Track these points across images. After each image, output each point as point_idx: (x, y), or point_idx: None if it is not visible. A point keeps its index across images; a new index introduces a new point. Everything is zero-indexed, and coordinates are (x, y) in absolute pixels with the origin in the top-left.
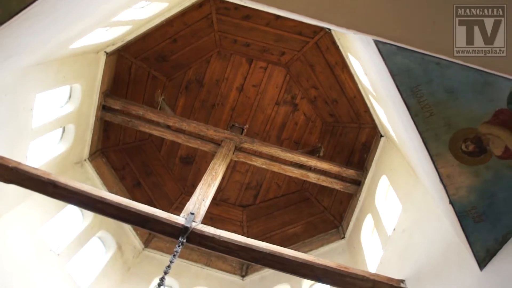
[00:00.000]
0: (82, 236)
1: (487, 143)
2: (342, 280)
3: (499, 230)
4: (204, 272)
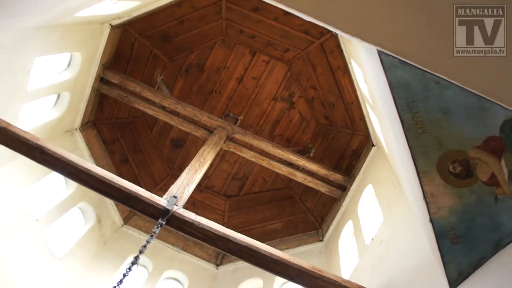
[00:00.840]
0: (63, 204)
1: (475, 167)
2: (314, 283)
3: (474, 254)
4: (180, 256)
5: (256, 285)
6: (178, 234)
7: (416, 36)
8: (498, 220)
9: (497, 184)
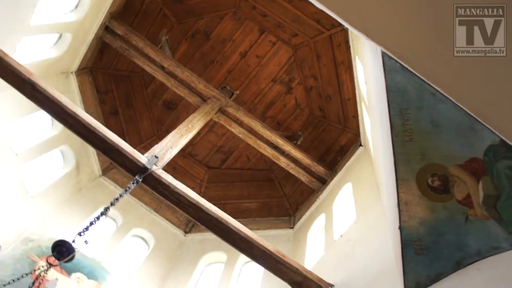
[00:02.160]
0: (45, 144)
1: (453, 184)
2: (276, 266)
3: (434, 268)
4: (151, 217)
5: (220, 259)
6: (153, 195)
7: (419, 39)
8: (464, 240)
9: (471, 205)
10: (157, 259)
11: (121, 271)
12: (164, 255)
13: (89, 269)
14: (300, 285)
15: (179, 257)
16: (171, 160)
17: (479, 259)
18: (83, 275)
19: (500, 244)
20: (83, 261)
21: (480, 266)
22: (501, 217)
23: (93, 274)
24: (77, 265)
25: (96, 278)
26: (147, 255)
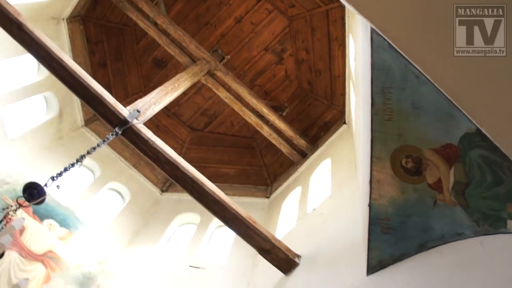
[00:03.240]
0: (29, 88)
1: (425, 168)
2: (246, 232)
3: (398, 248)
4: (129, 172)
5: (193, 220)
6: (133, 151)
7: (408, 19)
8: (430, 224)
9: (440, 190)
10: (131, 214)
11: (93, 222)
12: (139, 211)
13: (62, 217)
14: (268, 252)
15: (153, 215)
16: (155, 118)
17: (442, 244)
18: (55, 222)
19: (464, 231)
20: (56, 209)
21: (442, 250)
22: (468, 204)
23: (65, 222)
24: (50, 212)
25: (68, 227)
26: (121, 209)
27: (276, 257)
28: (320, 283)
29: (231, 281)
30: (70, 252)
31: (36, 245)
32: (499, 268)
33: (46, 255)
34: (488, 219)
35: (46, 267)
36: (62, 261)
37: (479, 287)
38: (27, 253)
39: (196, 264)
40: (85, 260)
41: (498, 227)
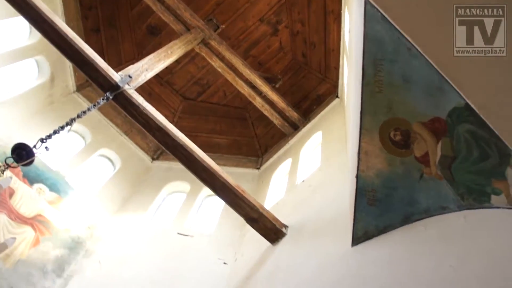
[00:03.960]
0: (20, 52)
1: (413, 141)
2: (234, 201)
3: (383, 220)
4: (120, 139)
5: (183, 189)
6: (125, 118)
7: None
8: (415, 197)
9: (427, 163)
10: (121, 181)
11: (83, 188)
12: (129, 178)
13: (52, 181)
14: (255, 221)
15: (143, 182)
16: (148, 85)
17: (426, 217)
18: (45, 186)
19: (449, 205)
20: (46, 173)
21: (426, 223)
22: (454, 179)
23: (55, 187)
24: (40, 176)
25: (58, 192)
26: (111, 176)
27: (264, 226)
28: (306, 253)
29: (219, 249)
30: (59, 217)
31: (26, 209)
32: (480, 242)
33: (35, 218)
34: (472, 193)
35: (35, 230)
36: (51, 225)
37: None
38: (16, 216)
39: (185, 232)
40: (74, 225)
41: (482, 201)
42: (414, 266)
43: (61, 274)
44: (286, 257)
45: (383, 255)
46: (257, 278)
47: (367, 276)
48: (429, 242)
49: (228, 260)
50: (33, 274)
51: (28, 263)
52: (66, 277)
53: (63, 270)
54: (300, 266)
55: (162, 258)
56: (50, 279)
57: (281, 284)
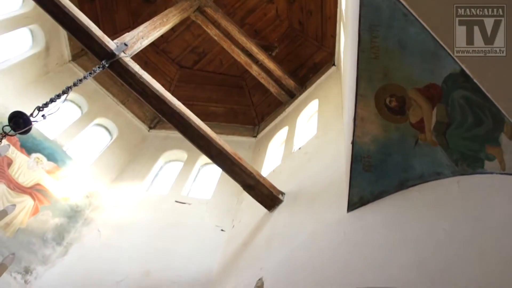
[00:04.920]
0: (13, 21)
1: (409, 107)
2: (231, 168)
3: (378, 186)
4: (117, 108)
5: (180, 157)
6: (121, 87)
7: None
8: (410, 163)
9: (422, 129)
10: (118, 151)
11: (81, 157)
12: (126, 147)
13: (49, 151)
14: (252, 188)
15: (140, 151)
16: (144, 54)
17: (421, 183)
18: (43, 156)
19: (443, 171)
20: (44, 143)
21: (421, 189)
22: (448, 145)
23: (53, 157)
24: (38, 145)
25: (56, 161)
26: (108, 145)
27: (260, 193)
28: (302, 219)
29: (216, 217)
30: (58, 186)
31: (24, 178)
32: (473, 207)
33: (34, 187)
34: (466, 159)
35: (34, 199)
36: (50, 194)
37: (454, 223)
38: (15, 185)
39: (182, 200)
40: (73, 194)
41: (475, 167)
42: (409, 230)
43: (61, 242)
44: (283, 223)
45: (378, 220)
46: (254, 244)
47: (362, 241)
48: (423, 207)
49: (225, 227)
50: (34, 242)
51: (28, 232)
52: (66, 245)
53: (63, 238)
54: (296, 232)
55: (160, 226)
56: (50, 247)
57: (278, 250)
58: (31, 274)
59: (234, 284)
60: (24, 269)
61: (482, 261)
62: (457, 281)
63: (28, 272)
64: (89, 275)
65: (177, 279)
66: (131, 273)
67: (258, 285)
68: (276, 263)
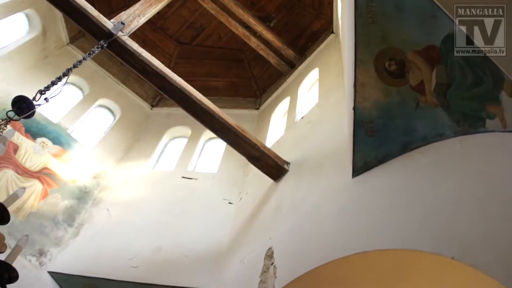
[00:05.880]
0: (8, 6)
1: (408, 70)
2: (235, 141)
3: (381, 150)
4: (118, 88)
5: (184, 133)
6: (121, 67)
7: None
8: (412, 125)
9: (423, 92)
10: (122, 130)
11: (86, 140)
12: (129, 126)
13: (54, 134)
14: (258, 160)
15: (144, 130)
16: (141, 32)
17: (424, 144)
18: (48, 140)
19: (445, 131)
20: (48, 127)
21: (424, 151)
22: (449, 105)
23: (58, 140)
24: (42, 130)
25: (61, 144)
26: (112, 125)
27: (266, 164)
28: (308, 187)
29: (223, 190)
30: (65, 168)
31: (31, 163)
32: (476, 165)
33: (42, 171)
34: (468, 119)
35: (42, 183)
36: (58, 177)
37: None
38: (23, 170)
39: (189, 175)
40: (80, 175)
41: (477, 126)
42: (413, 192)
43: (72, 223)
44: (289, 193)
45: (383, 184)
46: (262, 215)
47: (368, 205)
48: (427, 168)
49: (233, 200)
50: (45, 225)
51: (39, 215)
52: (77, 225)
53: (74, 220)
54: (303, 200)
55: (169, 202)
56: (62, 229)
57: (286, 219)
58: (45, 256)
59: (244, 254)
60: (38, 252)
61: (486, 217)
62: (462, 238)
63: (42, 254)
64: (102, 253)
65: (188, 253)
66: (143, 249)
67: (268, 254)
68: (284, 231)
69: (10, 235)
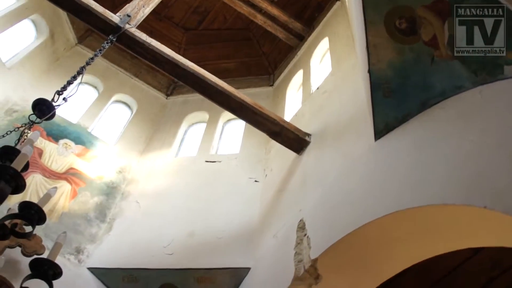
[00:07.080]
0: (13, 14)
1: (420, 26)
2: (254, 118)
3: (401, 109)
4: (131, 82)
5: (202, 118)
6: (132, 61)
7: None
8: (429, 81)
9: (437, 46)
10: (141, 123)
11: (107, 136)
12: (148, 118)
13: (75, 135)
14: (278, 135)
15: (162, 119)
16: (148, 24)
17: (443, 99)
18: (70, 140)
19: (463, 84)
20: (68, 128)
21: (444, 105)
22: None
23: (80, 140)
24: (63, 131)
25: (84, 143)
26: (130, 119)
27: (287, 138)
28: (332, 156)
29: (248, 169)
30: (90, 167)
31: (57, 165)
32: (498, 113)
33: (68, 172)
34: (485, 68)
35: (70, 183)
36: (84, 175)
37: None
38: (50, 173)
39: (212, 159)
40: (106, 172)
41: (495, 74)
42: (437, 147)
43: (104, 219)
44: (313, 164)
45: (406, 143)
46: (289, 189)
47: (394, 166)
48: (449, 122)
49: (258, 178)
50: (79, 224)
51: (72, 214)
52: (109, 221)
53: (105, 215)
54: (328, 170)
55: (195, 187)
56: (95, 225)
57: (313, 190)
58: (83, 253)
59: (276, 229)
60: (75, 250)
61: None
62: (492, 186)
63: (80, 252)
64: (136, 245)
65: (221, 235)
66: (176, 236)
67: (300, 226)
68: (314, 202)
69: (47, 236)
